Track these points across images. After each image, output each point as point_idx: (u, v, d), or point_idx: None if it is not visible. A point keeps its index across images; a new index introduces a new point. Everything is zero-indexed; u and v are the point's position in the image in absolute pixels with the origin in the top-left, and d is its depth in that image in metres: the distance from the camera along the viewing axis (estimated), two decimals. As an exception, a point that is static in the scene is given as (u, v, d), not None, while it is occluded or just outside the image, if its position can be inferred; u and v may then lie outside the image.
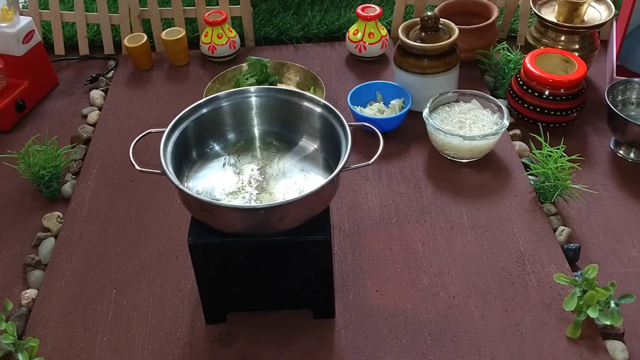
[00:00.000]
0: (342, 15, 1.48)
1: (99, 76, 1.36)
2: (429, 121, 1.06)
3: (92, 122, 1.24)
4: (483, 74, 1.30)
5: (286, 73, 1.29)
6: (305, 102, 0.81)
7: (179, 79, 1.36)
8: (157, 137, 0.75)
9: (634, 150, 1.08)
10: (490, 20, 1.27)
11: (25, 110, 1.26)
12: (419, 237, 0.95)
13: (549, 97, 1.08)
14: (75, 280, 0.91)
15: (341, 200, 1.02)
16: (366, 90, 1.18)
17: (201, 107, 0.80)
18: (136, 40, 1.35)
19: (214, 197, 0.76)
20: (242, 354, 0.81)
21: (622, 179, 1.05)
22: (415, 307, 0.85)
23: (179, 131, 0.77)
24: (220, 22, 1.34)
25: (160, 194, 1.05)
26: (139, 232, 0.98)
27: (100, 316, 0.86)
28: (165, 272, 0.92)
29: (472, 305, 0.85)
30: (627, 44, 1.24)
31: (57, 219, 1.01)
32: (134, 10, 1.41)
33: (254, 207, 0.71)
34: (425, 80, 1.14)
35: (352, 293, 0.87)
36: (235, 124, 0.83)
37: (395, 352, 0.80)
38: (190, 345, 0.82)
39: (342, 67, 1.36)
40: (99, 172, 1.11)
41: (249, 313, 0.85)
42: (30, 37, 1.24)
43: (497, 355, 0.79)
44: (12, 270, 0.94)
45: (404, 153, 1.11)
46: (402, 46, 1.14)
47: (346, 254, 0.93)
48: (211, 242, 0.74)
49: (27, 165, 1.03)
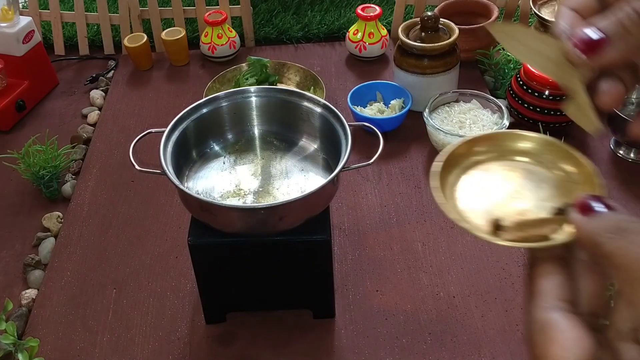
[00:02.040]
0: (342, 15, 1.48)
1: (99, 76, 1.36)
2: (429, 121, 1.06)
3: (92, 122, 1.24)
4: (483, 74, 1.30)
5: (286, 73, 1.29)
6: (305, 102, 0.81)
7: (179, 79, 1.36)
8: (157, 137, 0.75)
9: (634, 150, 1.08)
10: (490, 20, 1.27)
11: (25, 110, 1.26)
12: (419, 237, 0.95)
13: (549, 97, 1.08)
14: (75, 280, 0.91)
15: (341, 200, 1.02)
16: (366, 90, 1.18)
17: (201, 107, 0.80)
18: (136, 40, 1.35)
19: (213, 197, 0.76)
20: (242, 354, 0.81)
21: (622, 179, 1.05)
22: (415, 307, 0.85)
23: (179, 131, 0.77)
24: (220, 22, 1.34)
25: (160, 194, 1.05)
26: (139, 232, 0.98)
27: (100, 316, 0.86)
28: (165, 272, 0.92)
29: (472, 305, 0.85)
30: (627, 44, 1.24)
31: (57, 219, 1.01)
32: (134, 10, 1.41)
33: (254, 207, 0.71)
34: (425, 80, 1.14)
35: (352, 293, 0.87)
36: (235, 124, 0.84)
37: (395, 352, 0.80)
38: (190, 345, 0.82)
39: (342, 67, 1.36)
40: (99, 172, 1.11)
41: (249, 313, 0.85)
42: (30, 37, 1.24)
43: (497, 355, 0.79)
44: (12, 270, 0.94)
45: (404, 153, 1.11)
46: (402, 46, 1.14)
47: (346, 254, 0.93)
48: (211, 242, 0.74)
49: (27, 165, 1.03)
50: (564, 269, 0.33)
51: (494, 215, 0.36)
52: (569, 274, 0.33)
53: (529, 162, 0.40)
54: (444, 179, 0.39)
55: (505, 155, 0.40)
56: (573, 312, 0.31)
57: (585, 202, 0.31)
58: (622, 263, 0.28)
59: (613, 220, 0.29)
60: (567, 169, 0.39)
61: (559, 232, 0.34)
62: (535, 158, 0.40)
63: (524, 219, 0.35)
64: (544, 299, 0.32)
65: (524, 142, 0.40)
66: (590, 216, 0.30)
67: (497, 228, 0.35)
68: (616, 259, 0.28)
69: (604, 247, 0.29)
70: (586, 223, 0.30)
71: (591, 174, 0.37)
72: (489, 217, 0.36)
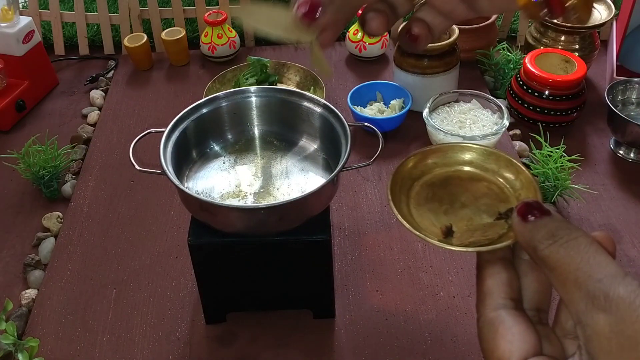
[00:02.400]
0: (342, 15, 1.48)
1: (99, 76, 1.36)
2: (429, 121, 1.06)
3: (92, 122, 1.24)
4: (483, 74, 1.30)
5: (286, 73, 1.29)
6: (305, 102, 0.81)
7: (179, 79, 1.36)
8: (157, 137, 0.75)
9: (634, 150, 1.08)
10: (490, 20, 1.27)
11: (25, 110, 1.26)
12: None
13: (549, 97, 1.08)
14: (75, 280, 0.91)
15: (341, 200, 1.02)
16: (366, 90, 1.18)
17: (201, 107, 0.80)
18: (136, 40, 1.35)
19: (213, 197, 0.76)
20: (242, 354, 0.81)
21: (622, 179, 1.05)
22: (415, 307, 0.85)
23: (179, 131, 0.77)
24: (220, 22, 1.34)
25: (160, 194, 1.05)
26: (139, 232, 0.98)
27: (100, 316, 0.86)
28: (165, 272, 0.92)
29: (472, 305, 0.84)
30: (627, 44, 1.24)
31: (57, 219, 1.01)
32: (134, 10, 1.41)
33: (254, 207, 0.71)
34: (425, 80, 1.14)
35: (352, 293, 0.87)
36: (235, 124, 0.83)
37: (395, 352, 0.80)
38: (190, 345, 0.82)
39: (342, 67, 1.36)
40: (99, 172, 1.11)
41: (249, 313, 0.85)
42: (30, 37, 1.24)
43: (497, 355, 0.79)
44: (12, 270, 0.94)
45: (404, 153, 1.11)
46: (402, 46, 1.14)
47: (346, 254, 0.93)
48: (211, 242, 0.74)
49: (27, 165, 1.03)
50: (509, 269, 0.35)
51: (444, 222, 0.39)
52: (514, 273, 0.35)
53: (474, 171, 0.43)
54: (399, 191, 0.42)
55: (452, 165, 0.44)
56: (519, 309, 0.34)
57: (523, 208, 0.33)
58: (555, 266, 0.30)
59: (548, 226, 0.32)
60: (509, 176, 0.42)
61: (504, 236, 0.37)
62: (480, 167, 0.43)
63: (472, 224, 0.39)
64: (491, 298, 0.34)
65: (469, 153, 0.43)
66: (529, 222, 0.32)
67: (448, 234, 0.38)
68: (550, 263, 0.31)
69: (539, 251, 0.31)
70: (524, 228, 0.32)
71: (530, 180, 0.40)
72: (440, 224, 0.39)
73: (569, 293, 0.30)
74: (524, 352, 0.31)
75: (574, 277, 0.29)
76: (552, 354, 0.33)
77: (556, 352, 0.33)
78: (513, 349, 0.31)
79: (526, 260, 0.36)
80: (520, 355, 0.31)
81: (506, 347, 0.32)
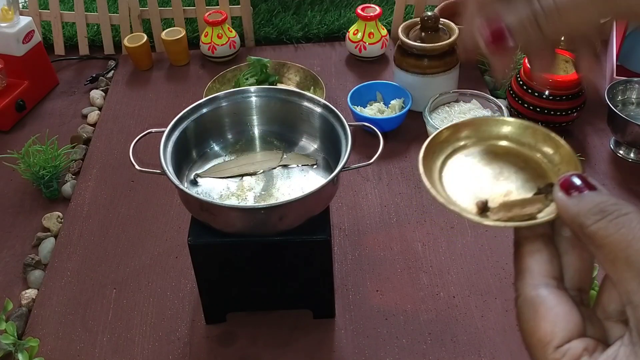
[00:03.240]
0: (342, 15, 1.48)
1: (99, 76, 1.36)
2: (429, 121, 1.06)
3: (92, 122, 1.24)
4: (483, 74, 1.30)
5: (286, 73, 1.29)
6: (305, 102, 0.81)
7: (179, 79, 1.36)
8: (157, 137, 0.75)
9: (634, 150, 1.08)
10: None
11: (25, 110, 1.26)
12: (419, 237, 0.95)
13: (549, 97, 1.08)
14: (75, 280, 0.91)
15: (341, 200, 1.02)
16: (366, 90, 1.18)
17: (201, 107, 0.80)
18: (136, 40, 1.35)
19: (213, 197, 0.76)
20: (242, 354, 0.81)
21: (622, 179, 1.05)
22: (415, 307, 0.85)
23: (179, 131, 0.77)
24: (220, 22, 1.34)
25: (160, 194, 1.05)
26: (139, 232, 0.98)
27: (100, 316, 0.86)
28: (165, 272, 0.92)
29: (472, 305, 0.85)
30: (627, 44, 1.24)
31: (57, 219, 1.01)
32: (134, 10, 1.41)
33: (254, 207, 0.71)
34: (425, 80, 1.14)
35: (352, 293, 0.87)
36: (235, 124, 0.83)
37: (395, 352, 0.80)
38: (190, 345, 0.82)
39: (342, 67, 1.36)
40: (99, 172, 1.11)
41: (249, 313, 0.85)
42: (30, 37, 1.24)
43: (497, 355, 0.79)
44: (12, 270, 0.94)
45: (404, 153, 1.11)
46: (402, 46, 1.14)
47: (346, 254, 0.93)
48: (211, 242, 0.74)
49: (27, 165, 1.03)
50: (549, 247, 0.34)
51: (480, 197, 0.37)
52: (554, 251, 0.34)
53: (510, 145, 0.41)
54: (430, 165, 0.41)
55: (487, 139, 0.42)
56: (560, 288, 0.32)
57: (568, 181, 0.31)
58: (604, 243, 0.29)
59: (596, 201, 0.30)
60: (547, 150, 0.40)
61: (543, 211, 0.35)
62: (516, 142, 0.41)
63: (509, 200, 0.37)
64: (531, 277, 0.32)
65: (504, 127, 0.42)
66: (574, 196, 0.31)
67: (484, 210, 0.36)
68: (598, 240, 0.29)
69: (586, 228, 0.29)
70: (570, 203, 0.31)
71: (570, 154, 0.38)
72: (476, 199, 0.37)
73: (618, 272, 0.28)
74: (568, 333, 0.30)
75: (624, 256, 0.28)
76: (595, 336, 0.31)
77: (598, 334, 0.31)
78: (556, 330, 0.30)
79: (567, 238, 0.34)
80: (564, 337, 0.30)
81: (548, 328, 0.30)
